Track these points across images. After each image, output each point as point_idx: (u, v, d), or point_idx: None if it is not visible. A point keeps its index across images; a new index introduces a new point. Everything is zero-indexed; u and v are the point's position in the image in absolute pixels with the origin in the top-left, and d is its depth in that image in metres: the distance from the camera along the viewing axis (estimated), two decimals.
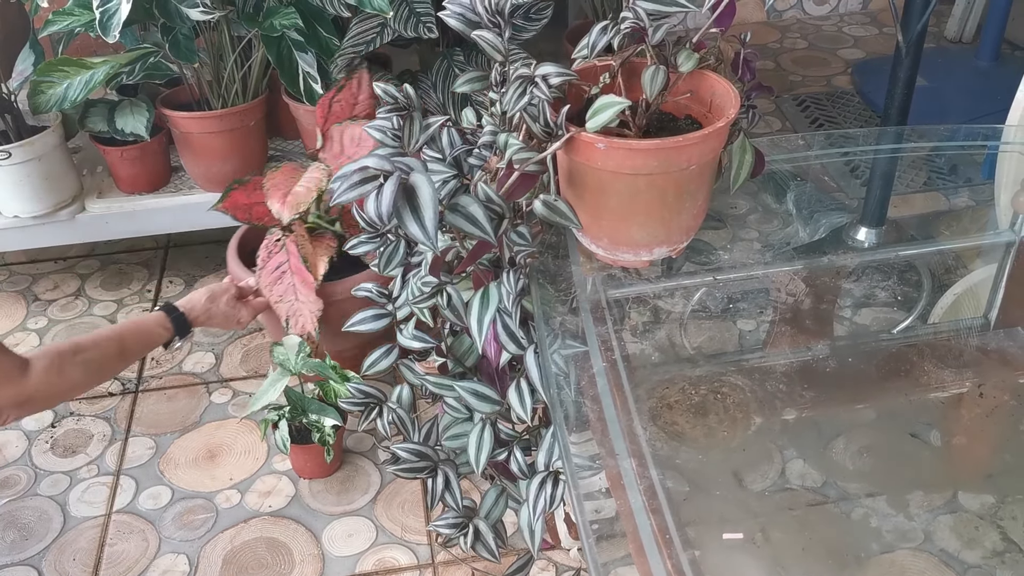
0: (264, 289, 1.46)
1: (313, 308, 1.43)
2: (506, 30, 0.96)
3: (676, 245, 0.96)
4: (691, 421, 0.84)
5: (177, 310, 1.37)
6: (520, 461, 1.12)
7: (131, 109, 1.71)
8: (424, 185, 0.83)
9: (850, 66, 2.67)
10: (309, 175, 1.45)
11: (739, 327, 1.02)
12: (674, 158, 0.88)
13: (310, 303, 1.43)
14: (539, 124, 0.90)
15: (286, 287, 1.44)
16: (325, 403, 1.43)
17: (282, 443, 1.38)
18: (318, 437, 1.40)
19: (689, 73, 0.96)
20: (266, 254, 1.47)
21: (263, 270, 1.46)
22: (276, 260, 1.46)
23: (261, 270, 1.46)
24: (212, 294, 1.42)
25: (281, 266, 1.45)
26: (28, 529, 1.42)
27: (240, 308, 1.45)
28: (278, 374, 1.41)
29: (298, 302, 1.43)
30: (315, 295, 1.43)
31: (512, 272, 0.92)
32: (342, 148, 1.53)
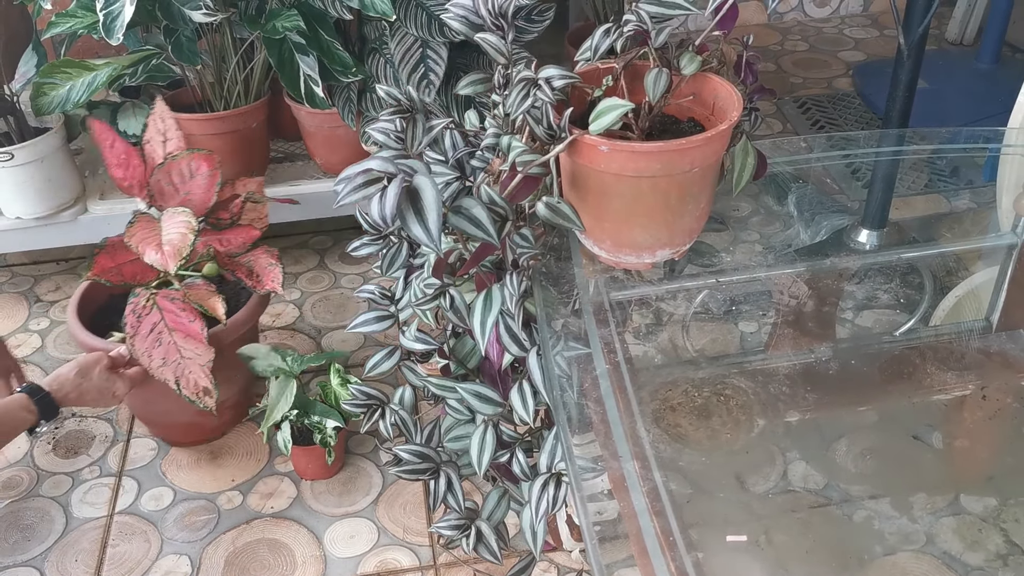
0: (142, 357, 1.35)
1: (203, 361, 1.35)
2: (509, 32, 0.96)
3: (679, 247, 0.96)
4: (694, 423, 0.84)
5: (42, 391, 1.26)
6: (522, 463, 1.12)
7: (134, 111, 1.71)
8: (428, 188, 0.83)
9: (851, 68, 2.67)
10: (172, 220, 1.36)
11: (741, 329, 1.02)
12: (677, 161, 0.88)
13: (199, 356, 1.35)
14: (542, 127, 0.91)
15: (167, 348, 1.35)
16: (327, 405, 1.43)
17: (284, 445, 1.38)
18: (320, 439, 1.41)
19: (692, 76, 0.97)
20: (135, 319, 1.36)
21: (135, 336, 1.35)
22: (148, 322, 1.36)
23: (133, 336, 1.35)
24: (81, 368, 1.31)
25: (156, 327, 1.36)
26: (30, 530, 1.42)
27: (115, 381, 1.34)
28: (282, 381, 1.40)
29: (184, 360, 1.35)
30: (205, 345, 1.36)
31: (515, 274, 0.93)
32: (175, 187, 1.45)
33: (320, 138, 1.80)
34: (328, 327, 1.82)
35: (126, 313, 1.37)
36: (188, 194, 1.44)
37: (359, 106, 1.70)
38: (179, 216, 1.36)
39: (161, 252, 1.31)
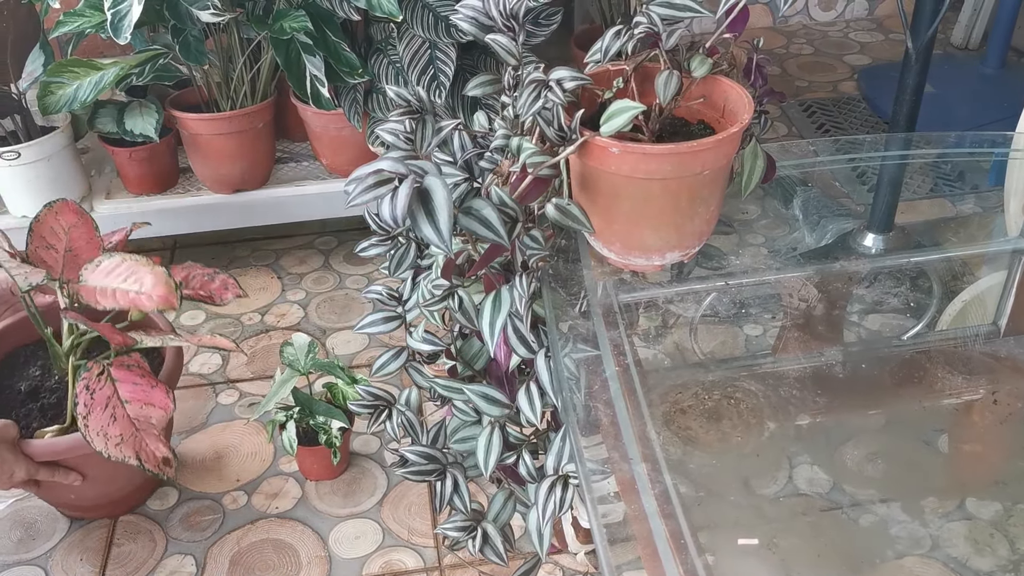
0: (96, 439, 1.19)
1: (159, 429, 1.23)
2: (520, 34, 0.96)
3: (688, 250, 0.97)
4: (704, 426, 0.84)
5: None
6: (529, 465, 1.12)
7: (140, 110, 1.71)
8: (439, 188, 0.83)
9: (856, 72, 2.67)
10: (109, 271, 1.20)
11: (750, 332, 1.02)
12: (688, 163, 0.88)
13: (155, 425, 1.23)
14: (553, 128, 0.91)
15: (122, 423, 1.21)
16: (333, 405, 1.43)
17: (289, 444, 1.38)
18: (325, 439, 1.41)
19: (702, 78, 0.97)
20: (87, 396, 1.20)
21: (89, 416, 1.19)
22: (102, 397, 1.21)
23: (87, 417, 1.19)
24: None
25: (110, 401, 1.22)
26: (35, 528, 1.42)
27: (17, 462, 1.19)
28: (287, 375, 1.41)
29: (140, 432, 1.22)
30: (168, 409, 1.24)
31: (524, 276, 0.93)
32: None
33: (326, 139, 1.80)
34: (333, 327, 1.82)
35: (78, 389, 1.21)
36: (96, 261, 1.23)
37: (365, 107, 1.70)
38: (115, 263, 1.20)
39: (150, 295, 1.16)
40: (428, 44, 1.60)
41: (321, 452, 1.43)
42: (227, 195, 1.81)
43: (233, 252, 2.06)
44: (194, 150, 1.76)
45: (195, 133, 1.72)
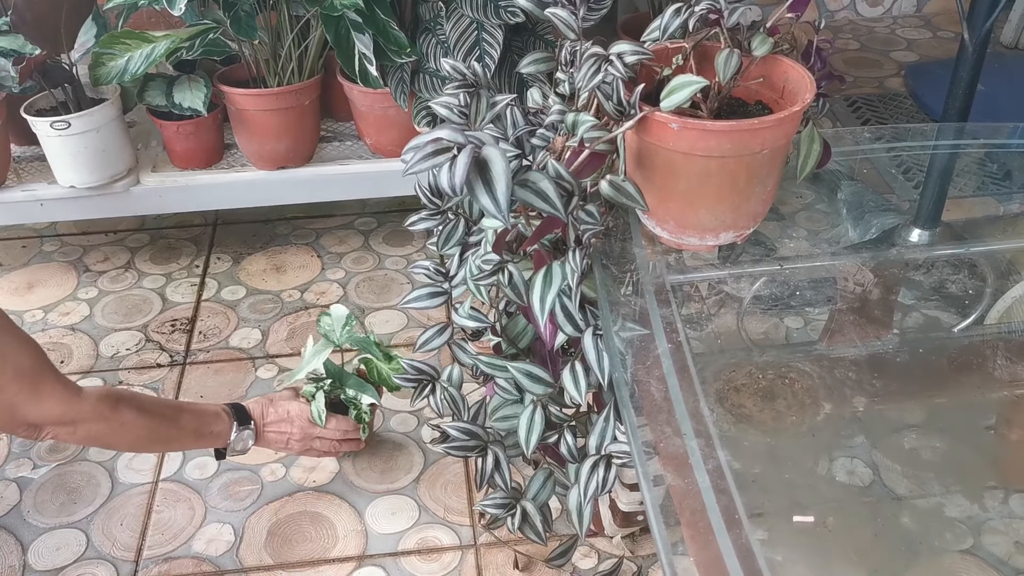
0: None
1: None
2: (581, 8, 0.96)
3: (743, 231, 0.96)
4: (758, 404, 0.83)
5: (246, 411, 1.32)
6: (570, 444, 1.12)
7: (189, 84, 1.72)
8: (498, 159, 0.83)
9: (903, 68, 2.64)
10: None
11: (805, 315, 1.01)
12: (748, 141, 0.87)
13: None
14: (612, 102, 0.90)
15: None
16: (365, 380, 1.43)
17: (318, 415, 1.37)
18: (355, 414, 1.40)
19: (762, 58, 0.96)
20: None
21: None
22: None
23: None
24: (304, 428, 1.35)
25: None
26: (77, 493, 1.44)
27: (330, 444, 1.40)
28: (321, 344, 1.40)
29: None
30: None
31: (577, 251, 0.92)
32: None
33: (371, 118, 1.80)
34: (372, 307, 1.83)
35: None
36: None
37: (412, 87, 1.70)
38: None
39: None
40: (475, 24, 1.59)
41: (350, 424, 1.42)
42: (271, 171, 1.82)
43: (274, 230, 2.07)
44: (240, 126, 1.77)
45: (242, 108, 1.73)
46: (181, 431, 1.25)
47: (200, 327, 1.79)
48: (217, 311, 1.83)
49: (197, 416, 1.27)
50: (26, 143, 1.88)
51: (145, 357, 1.71)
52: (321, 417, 1.37)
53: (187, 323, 1.80)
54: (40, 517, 1.40)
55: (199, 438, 1.28)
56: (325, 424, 1.37)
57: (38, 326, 1.79)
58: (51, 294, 1.88)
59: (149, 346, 1.74)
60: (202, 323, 1.80)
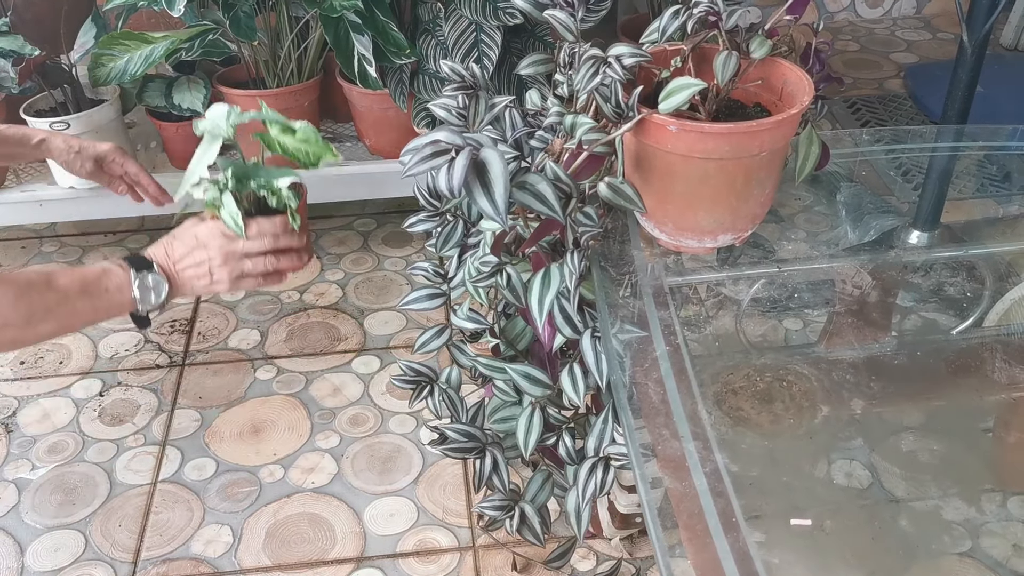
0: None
1: None
2: (579, 10, 0.96)
3: (741, 233, 0.96)
4: (756, 407, 0.83)
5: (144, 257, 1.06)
6: (568, 446, 1.12)
7: (188, 85, 1.72)
8: (495, 160, 0.83)
9: (903, 70, 2.64)
10: None
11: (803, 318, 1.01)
12: (746, 143, 0.87)
13: None
14: (610, 105, 0.90)
15: None
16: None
17: (232, 221, 1.08)
18: (275, 201, 1.13)
19: (761, 60, 0.96)
20: None
21: None
22: None
23: None
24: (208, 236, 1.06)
25: None
26: (75, 493, 1.44)
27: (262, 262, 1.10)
28: (207, 140, 1.10)
29: None
30: None
31: (576, 253, 0.92)
32: None
33: (370, 119, 1.80)
34: (371, 308, 1.83)
35: None
36: None
37: (411, 88, 1.70)
38: None
39: None
40: (474, 26, 1.59)
41: (280, 223, 1.13)
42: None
43: None
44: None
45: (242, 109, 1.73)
46: (62, 295, 1.02)
47: (199, 328, 1.78)
48: (216, 312, 1.83)
49: (78, 276, 1.03)
50: None
51: (144, 358, 1.71)
52: (237, 222, 1.09)
53: (186, 324, 1.80)
54: (38, 518, 1.40)
55: (93, 299, 1.03)
56: (246, 231, 1.10)
57: None
58: None
59: (148, 347, 1.74)
60: (201, 324, 1.80)
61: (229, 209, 1.08)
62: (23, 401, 1.61)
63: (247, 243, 1.10)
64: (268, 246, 1.12)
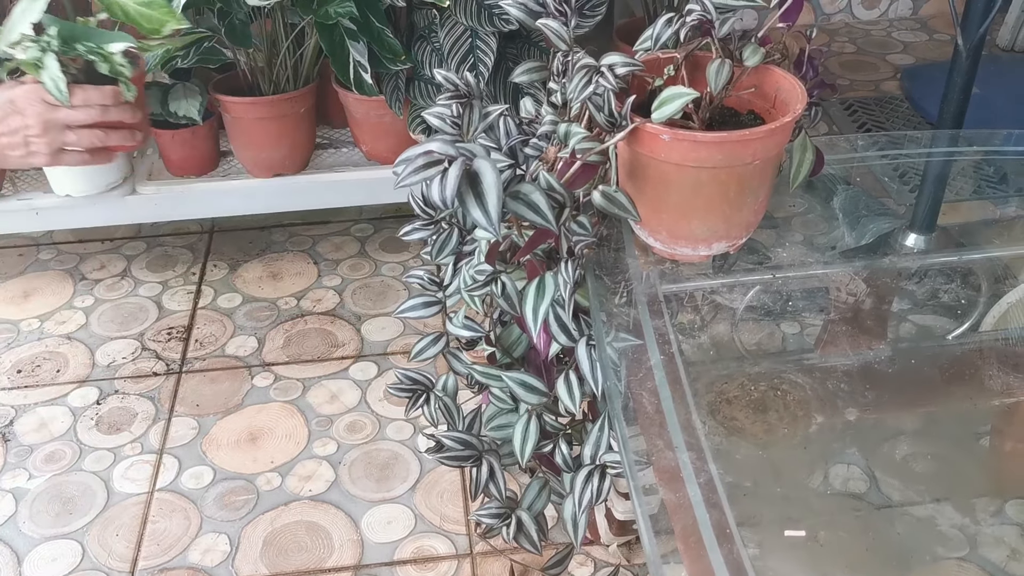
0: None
1: None
2: (572, 19, 0.96)
3: (735, 241, 0.96)
4: (751, 417, 0.83)
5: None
6: (565, 453, 1.12)
7: (184, 93, 1.72)
8: (488, 171, 0.83)
9: (899, 71, 2.64)
10: None
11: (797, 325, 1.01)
12: (738, 152, 0.87)
13: None
14: (603, 114, 0.90)
15: None
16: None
17: (54, 86, 0.99)
18: (108, 69, 1.05)
19: (754, 68, 0.96)
20: None
21: None
22: None
23: None
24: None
25: None
26: (72, 503, 1.44)
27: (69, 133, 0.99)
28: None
29: None
30: None
31: (570, 262, 0.92)
32: None
33: (367, 126, 1.80)
34: (368, 314, 1.83)
35: None
36: None
37: (407, 94, 1.70)
38: None
39: None
40: (470, 32, 1.60)
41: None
42: (267, 179, 1.81)
43: (270, 237, 2.07)
44: (236, 133, 1.77)
45: (237, 116, 1.73)
46: None
47: (196, 335, 1.79)
48: (213, 319, 1.83)
49: None
50: None
51: (141, 366, 1.71)
52: (60, 88, 0.99)
53: (183, 331, 1.80)
54: (36, 528, 1.40)
55: None
56: (71, 99, 0.99)
57: (34, 335, 1.79)
58: (47, 303, 1.88)
59: (145, 355, 1.74)
60: (198, 331, 1.80)
61: (52, 73, 0.98)
62: (20, 410, 1.61)
63: (71, 112, 1.01)
64: (95, 118, 1.04)
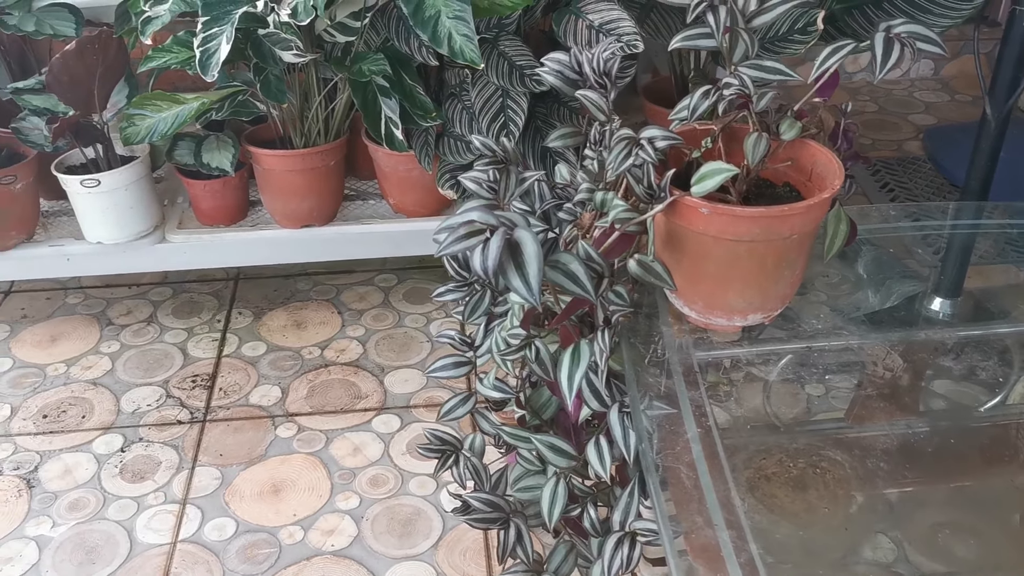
0: None
1: None
2: (612, 91, 0.97)
3: (771, 312, 0.96)
4: (790, 495, 0.83)
5: None
6: (593, 518, 1.11)
7: (218, 144, 1.75)
8: (529, 242, 0.83)
9: (921, 132, 2.65)
10: None
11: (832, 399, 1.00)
12: (777, 226, 0.88)
13: None
14: (642, 186, 0.91)
15: None
16: None
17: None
18: None
19: (790, 141, 0.97)
20: None
21: None
22: None
23: None
24: None
25: None
26: (95, 552, 1.43)
27: None
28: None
29: None
30: None
31: (606, 331, 0.93)
32: None
33: (395, 179, 1.82)
34: (392, 365, 1.83)
35: None
36: None
37: (436, 150, 1.72)
38: None
39: None
40: (501, 91, 1.62)
41: None
42: (295, 230, 1.83)
43: (295, 285, 2.09)
44: (267, 185, 1.79)
45: (269, 168, 1.76)
46: None
47: (221, 383, 1.79)
48: (238, 367, 1.84)
49: None
50: (53, 197, 1.91)
51: (166, 413, 1.71)
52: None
53: (208, 379, 1.80)
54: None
55: None
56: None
57: (60, 380, 1.80)
58: (74, 347, 1.89)
59: (170, 402, 1.74)
60: (223, 379, 1.80)
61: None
62: (45, 456, 1.62)
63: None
64: None
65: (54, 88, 1.60)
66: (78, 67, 1.57)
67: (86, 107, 1.64)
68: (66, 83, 1.58)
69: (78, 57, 1.55)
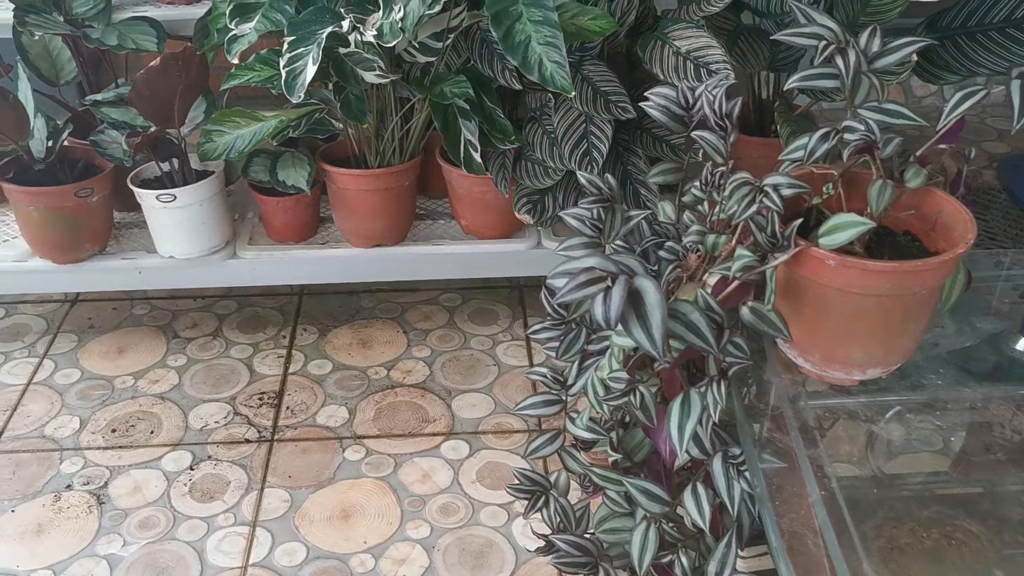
0: None
1: None
2: (732, 134, 0.94)
3: (891, 367, 0.93)
4: (926, 570, 0.79)
5: None
6: (686, 566, 1.08)
7: (293, 162, 1.74)
8: (652, 291, 0.81)
9: (995, 160, 2.59)
10: None
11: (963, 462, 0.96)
12: (908, 281, 0.85)
13: None
14: (765, 234, 0.88)
15: None
16: None
17: None
18: None
19: (915, 189, 0.93)
20: None
21: None
22: None
23: None
24: None
25: None
26: (166, 573, 1.42)
27: None
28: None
29: None
30: None
31: (722, 382, 0.89)
32: None
33: (468, 200, 1.80)
34: (459, 389, 1.81)
35: None
36: None
37: (513, 173, 1.70)
38: None
39: None
40: (584, 117, 1.59)
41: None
42: (365, 249, 1.82)
43: (359, 302, 2.07)
44: (339, 203, 1.78)
45: (343, 187, 1.74)
46: None
47: (287, 402, 1.78)
48: (304, 385, 1.82)
49: None
50: (125, 209, 1.91)
51: (233, 431, 1.70)
52: None
53: (274, 397, 1.79)
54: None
55: None
56: None
57: (128, 393, 1.80)
58: (141, 359, 1.89)
59: (237, 419, 1.73)
60: (289, 398, 1.79)
61: None
62: (115, 471, 1.61)
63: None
64: None
65: (136, 103, 1.60)
66: (161, 83, 1.56)
67: (166, 122, 1.63)
68: (148, 98, 1.58)
69: (162, 73, 1.55)
